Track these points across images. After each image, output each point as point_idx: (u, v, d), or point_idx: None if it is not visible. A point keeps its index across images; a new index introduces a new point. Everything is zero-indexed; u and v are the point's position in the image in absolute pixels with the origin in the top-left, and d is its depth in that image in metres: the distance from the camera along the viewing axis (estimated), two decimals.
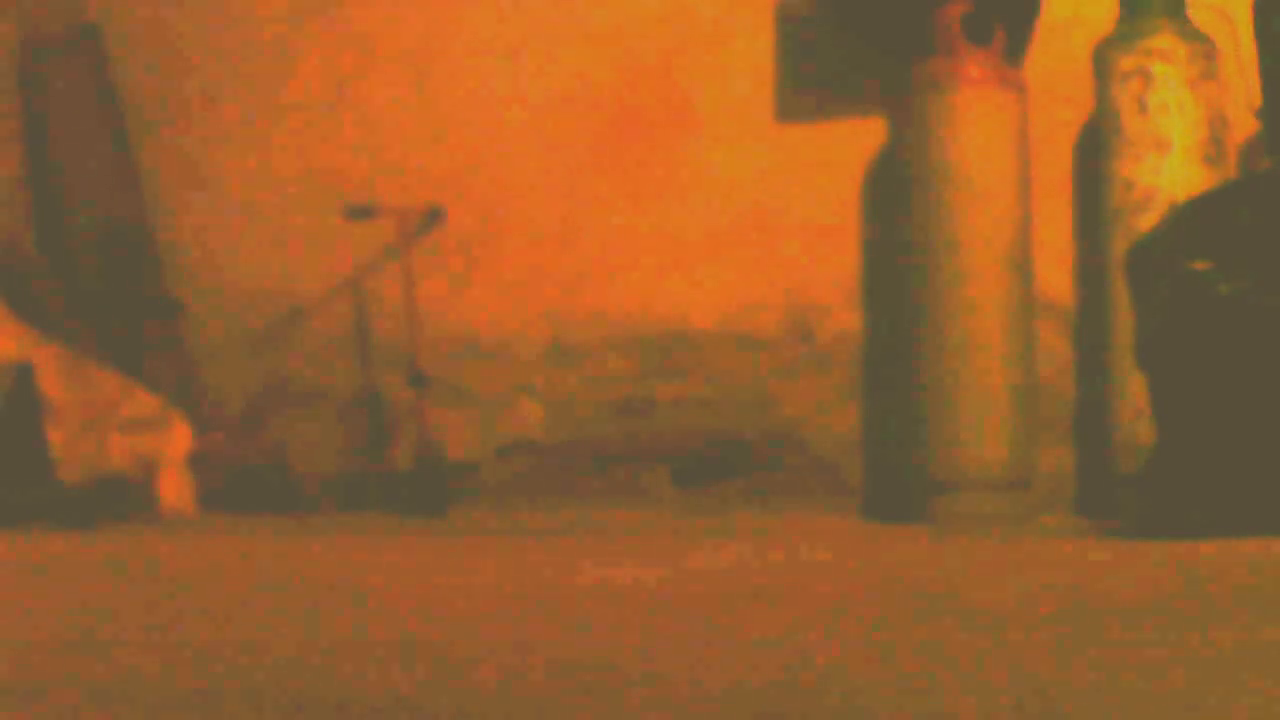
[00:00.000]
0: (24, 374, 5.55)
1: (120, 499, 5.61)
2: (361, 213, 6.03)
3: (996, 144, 5.17)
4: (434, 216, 6.12)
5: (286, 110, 6.55)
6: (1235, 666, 1.61)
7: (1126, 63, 4.94)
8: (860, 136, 5.65)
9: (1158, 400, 4.01)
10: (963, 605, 2.34)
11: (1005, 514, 5.02)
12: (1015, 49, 5.40)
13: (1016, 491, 5.09)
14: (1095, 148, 5.12)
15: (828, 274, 5.70)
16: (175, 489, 5.88)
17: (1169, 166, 4.88)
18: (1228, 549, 3.27)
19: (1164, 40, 4.91)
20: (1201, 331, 3.82)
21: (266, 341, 6.51)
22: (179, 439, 5.95)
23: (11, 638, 2.02)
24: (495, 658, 1.73)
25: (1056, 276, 5.39)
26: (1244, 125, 4.93)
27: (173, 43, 6.72)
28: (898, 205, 5.34)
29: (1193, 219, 4.04)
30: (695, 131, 5.90)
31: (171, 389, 6.18)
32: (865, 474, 5.62)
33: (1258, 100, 4.49)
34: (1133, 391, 4.69)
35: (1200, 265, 3.87)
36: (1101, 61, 5.02)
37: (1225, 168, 4.98)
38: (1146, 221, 4.68)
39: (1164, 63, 4.89)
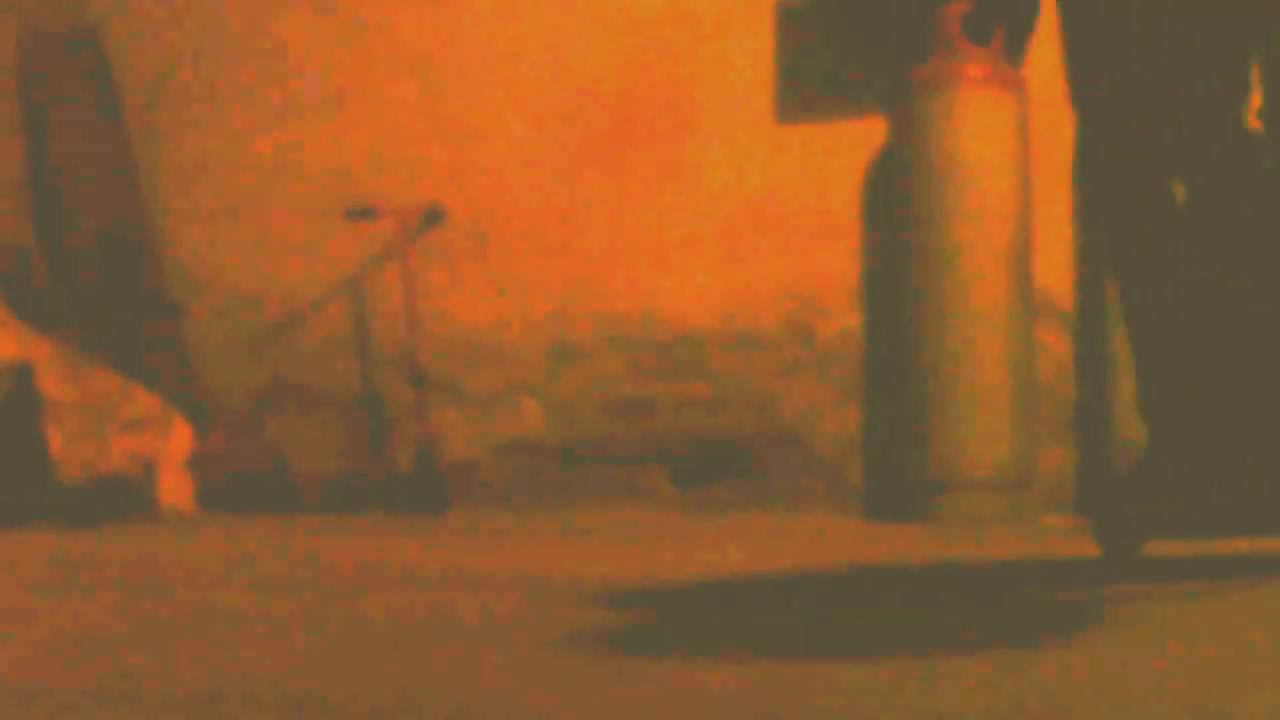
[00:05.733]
0: (24, 374, 5.55)
1: (120, 499, 5.61)
2: (361, 213, 6.03)
3: (996, 144, 5.18)
4: (434, 216, 6.12)
5: (287, 110, 6.54)
6: (1239, 666, 1.61)
7: None
8: (860, 136, 5.65)
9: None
10: (961, 607, 2.34)
11: (1005, 514, 5.02)
12: (1015, 49, 5.40)
13: (1016, 491, 5.09)
14: None
15: (828, 274, 5.70)
16: (175, 489, 5.88)
17: None
18: (1233, 547, 3.27)
19: None
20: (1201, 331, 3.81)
21: (266, 341, 6.51)
22: (179, 439, 5.95)
23: (10, 638, 2.02)
24: (497, 654, 1.74)
25: (1056, 276, 5.39)
26: None
27: (173, 43, 6.72)
28: (897, 205, 5.34)
29: None
30: (695, 131, 5.91)
31: (171, 389, 6.18)
32: (865, 474, 5.62)
33: (1258, 100, 4.48)
34: (1132, 392, 4.69)
35: None
36: None
37: None
38: None
39: None
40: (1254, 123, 4.78)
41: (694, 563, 3.30)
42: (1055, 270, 5.37)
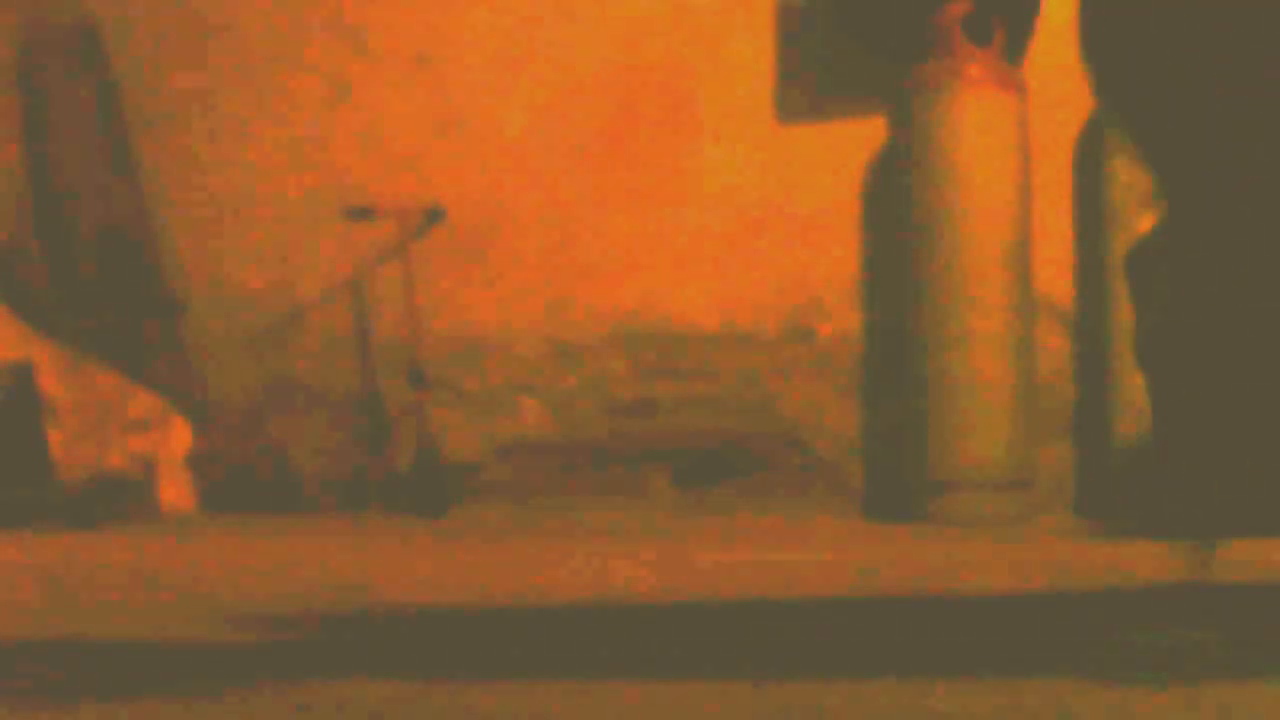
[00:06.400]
0: (24, 374, 5.55)
1: (120, 499, 5.60)
2: (361, 213, 6.03)
3: (996, 144, 5.17)
4: (434, 216, 6.12)
5: (286, 110, 6.54)
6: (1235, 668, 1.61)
7: None
8: (860, 136, 5.64)
9: (1158, 400, 4.00)
10: (961, 608, 2.34)
11: (1005, 514, 5.02)
12: (1015, 49, 5.40)
13: (1016, 491, 5.09)
14: (1095, 148, 5.12)
15: (827, 274, 5.70)
16: (175, 489, 5.88)
17: None
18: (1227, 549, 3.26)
19: None
20: (1201, 331, 3.81)
21: (267, 341, 6.50)
22: (179, 439, 5.94)
23: (11, 637, 2.02)
24: (494, 654, 1.73)
25: (1056, 276, 5.38)
26: None
27: (173, 42, 6.72)
28: (897, 205, 5.34)
29: None
30: (695, 131, 5.90)
31: (171, 389, 6.18)
32: (865, 474, 5.62)
33: None
34: (1133, 391, 4.69)
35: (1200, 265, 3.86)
36: None
37: None
38: (1146, 221, 4.68)
39: None
40: None
41: (692, 564, 3.30)
42: (1055, 270, 5.37)
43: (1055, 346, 5.39)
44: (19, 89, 6.67)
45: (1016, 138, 5.20)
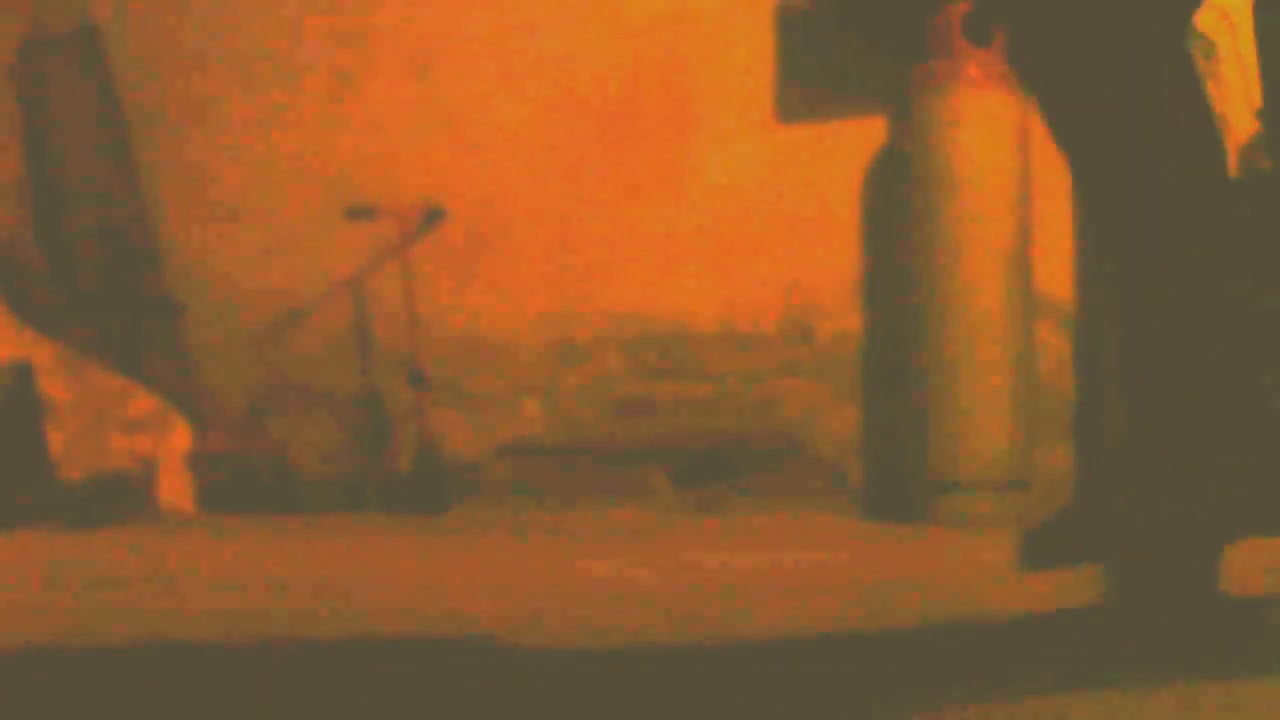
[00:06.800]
0: (24, 374, 5.55)
1: (120, 499, 5.60)
2: (361, 213, 6.03)
3: (996, 144, 5.17)
4: (434, 216, 6.12)
5: (287, 110, 6.54)
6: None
7: None
8: (860, 136, 5.64)
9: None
10: (960, 611, 2.34)
11: (1005, 514, 5.02)
12: None
13: (1016, 491, 5.09)
14: None
15: (827, 274, 5.70)
16: (175, 489, 5.88)
17: None
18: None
19: None
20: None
21: (266, 341, 6.50)
22: (179, 439, 5.94)
23: (10, 637, 2.02)
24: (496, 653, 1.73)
25: (1056, 276, 5.38)
26: (1244, 125, 4.92)
27: (173, 43, 6.72)
28: (897, 205, 5.34)
29: None
30: (695, 131, 5.90)
31: (171, 389, 6.18)
32: (865, 474, 5.62)
33: (1258, 100, 4.47)
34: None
35: None
36: None
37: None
38: None
39: None
40: (1254, 122, 4.76)
41: (689, 565, 3.29)
42: (1055, 270, 5.37)
43: (1055, 346, 5.39)
44: (19, 89, 6.66)
45: (1016, 138, 5.20)
